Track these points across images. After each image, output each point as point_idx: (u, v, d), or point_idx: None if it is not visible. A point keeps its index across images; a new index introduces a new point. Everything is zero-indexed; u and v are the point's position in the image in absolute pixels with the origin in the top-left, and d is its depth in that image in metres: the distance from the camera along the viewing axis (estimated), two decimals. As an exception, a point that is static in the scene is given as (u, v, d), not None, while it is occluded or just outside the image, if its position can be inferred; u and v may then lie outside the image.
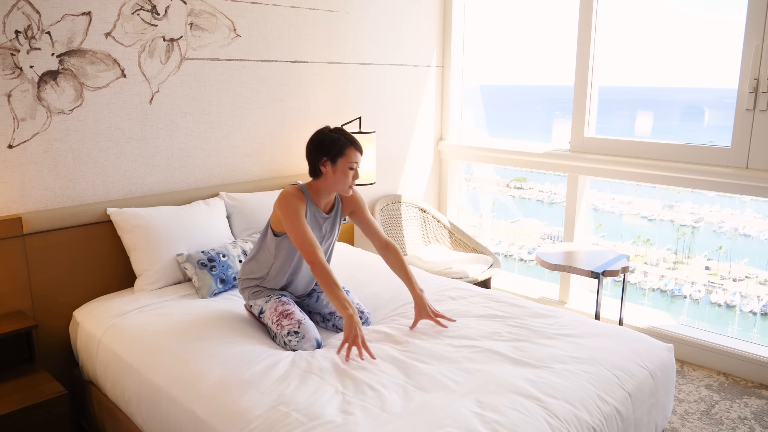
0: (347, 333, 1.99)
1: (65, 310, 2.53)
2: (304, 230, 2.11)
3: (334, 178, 2.19)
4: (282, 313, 2.19)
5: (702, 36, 3.29)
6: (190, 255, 2.60)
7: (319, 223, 2.28)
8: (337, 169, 2.18)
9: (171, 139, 2.85)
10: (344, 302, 2.04)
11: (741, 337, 3.24)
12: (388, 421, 1.65)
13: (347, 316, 2.01)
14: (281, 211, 2.14)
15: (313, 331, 2.18)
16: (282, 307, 2.22)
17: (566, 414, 1.71)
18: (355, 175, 2.21)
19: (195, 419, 1.79)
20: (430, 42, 4.07)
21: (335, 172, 2.18)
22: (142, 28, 2.66)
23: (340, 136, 2.19)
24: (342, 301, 2.04)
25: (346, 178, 2.19)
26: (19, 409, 2.05)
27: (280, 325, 2.17)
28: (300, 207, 2.14)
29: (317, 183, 2.24)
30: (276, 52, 3.20)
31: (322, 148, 2.19)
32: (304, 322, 2.17)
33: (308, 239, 2.10)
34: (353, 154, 2.18)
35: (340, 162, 2.17)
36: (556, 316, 2.36)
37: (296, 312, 2.21)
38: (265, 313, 2.26)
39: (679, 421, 2.67)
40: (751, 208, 3.55)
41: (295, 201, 2.14)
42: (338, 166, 2.18)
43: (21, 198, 2.42)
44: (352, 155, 2.18)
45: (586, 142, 3.58)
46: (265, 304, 2.27)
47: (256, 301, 2.30)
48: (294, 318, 2.17)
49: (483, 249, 3.75)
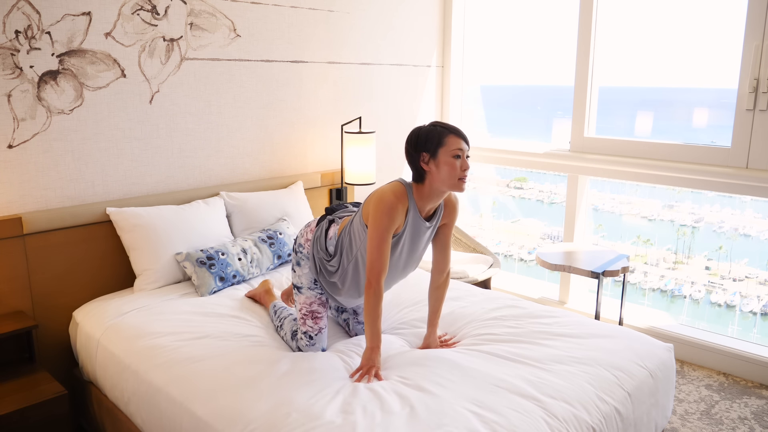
0: (365, 361, 1.91)
1: (65, 310, 2.54)
2: (384, 248, 1.90)
3: (440, 173, 1.90)
4: (313, 313, 2.16)
5: (702, 36, 3.29)
6: (189, 253, 2.60)
7: (421, 232, 2.03)
8: (440, 162, 1.89)
9: (171, 139, 2.85)
10: (377, 336, 1.93)
11: (741, 337, 3.24)
12: (387, 421, 1.65)
13: (371, 347, 1.92)
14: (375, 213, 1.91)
15: (324, 342, 2.18)
16: (317, 306, 2.18)
17: (565, 414, 1.71)
18: (463, 165, 1.91)
19: (195, 419, 1.79)
20: (430, 42, 4.07)
21: (439, 166, 1.90)
22: (142, 28, 2.66)
23: (435, 126, 1.94)
24: (375, 333, 1.93)
25: (454, 171, 1.89)
26: (19, 409, 2.05)
27: (303, 321, 2.15)
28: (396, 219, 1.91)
29: (423, 187, 1.96)
30: (276, 52, 3.20)
31: (418, 144, 1.93)
32: (323, 331, 2.17)
33: (383, 260, 1.90)
34: (455, 141, 1.90)
35: (442, 153, 1.89)
36: (556, 317, 2.36)
37: (324, 319, 2.19)
38: (300, 296, 2.17)
39: (679, 421, 2.67)
40: (751, 208, 3.55)
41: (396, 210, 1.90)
42: (440, 158, 1.89)
43: (21, 198, 2.43)
44: (454, 142, 1.90)
45: (586, 142, 3.58)
46: (308, 290, 2.17)
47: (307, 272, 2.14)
48: (318, 324, 2.16)
49: (483, 249, 3.75)
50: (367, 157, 3.34)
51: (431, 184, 1.94)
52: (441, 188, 1.93)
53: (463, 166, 1.90)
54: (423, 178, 1.94)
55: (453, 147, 1.90)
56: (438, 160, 1.90)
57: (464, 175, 1.91)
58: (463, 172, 1.91)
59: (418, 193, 1.97)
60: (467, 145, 1.94)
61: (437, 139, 1.90)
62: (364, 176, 3.36)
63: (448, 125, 1.95)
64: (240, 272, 2.69)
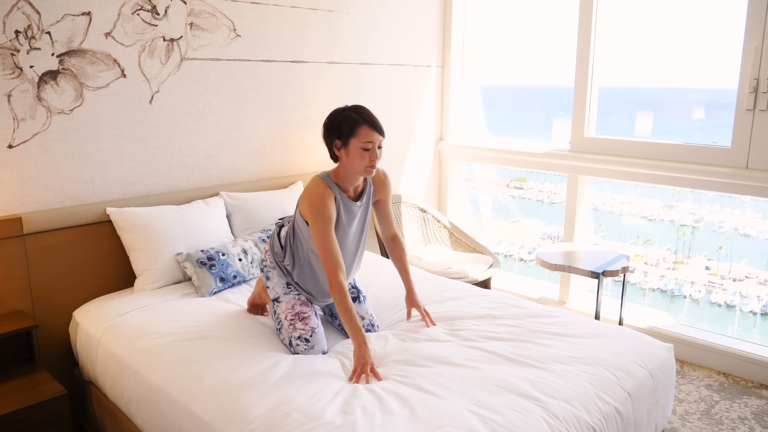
0: (357, 362, 1.91)
1: (65, 310, 2.54)
2: (330, 245, 1.96)
3: (349, 161, 1.99)
4: (299, 315, 2.14)
5: (702, 36, 3.29)
6: (189, 254, 2.60)
7: (354, 212, 2.11)
8: (350, 151, 1.97)
9: (171, 139, 2.85)
10: (357, 330, 1.94)
11: (741, 337, 3.24)
12: (387, 421, 1.65)
13: (358, 344, 1.93)
14: (311, 217, 1.99)
15: (323, 342, 2.14)
16: (300, 308, 2.16)
17: (566, 414, 1.71)
18: (372, 156, 1.99)
19: (195, 419, 1.79)
20: (430, 42, 4.07)
21: (349, 155, 1.98)
22: (142, 28, 2.66)
23: (352, 113, 1.98)
24: (355, 328, 1.94)
25: (362, 161, 1.98)
26: (19, 409, 2.05)
27: (293, 326, 2.12)
28: (331, 212, 1.97)
29: (339, 169, 2.06)
30: (276, 52, 3.20)
31: (333, 129, 2.00)
32: (317, 330, 2.13)
33: (332, 256, 1.95)
34: (366, 134, 1.96)
35: (353, 143, 1.97)
36: (556, 316, 2.36)
37: (312, 318, 2.15)
38: (279, 305, 2.18)
39: (679, 421, 2.67)
40: (751, 208, 3.55)
41: (326, 206, 1.96)
42: (351, 147, 1.97)
43: (21, 198, 2.43)
44: (365, 134, 1.96)
45: (586, 142, 3.58)
46: (284, 295, 2.18)
47: (277, 283, 2.19)
48: (309, 324, 2.12)
49: (483, 249, 3.75)
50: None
51: (344, 167, 2.04)
52: (352, 173, 2.04)
53: (371, 158, 1.99)
54: (337, 160, 2.06)
55: (364, 139, 1.97)
56: (349, 149, 1.98)
57: (372, 164, 2.00)
58: (372, 162, 2.00)
59: (337, 176, 2.07)
60: (381, 135, 2.01)
61: (350, 128, 1.97)
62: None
63: (364, 113, 2.00)
64: (240, 273, 2.69)
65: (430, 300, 2.53)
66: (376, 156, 2.00)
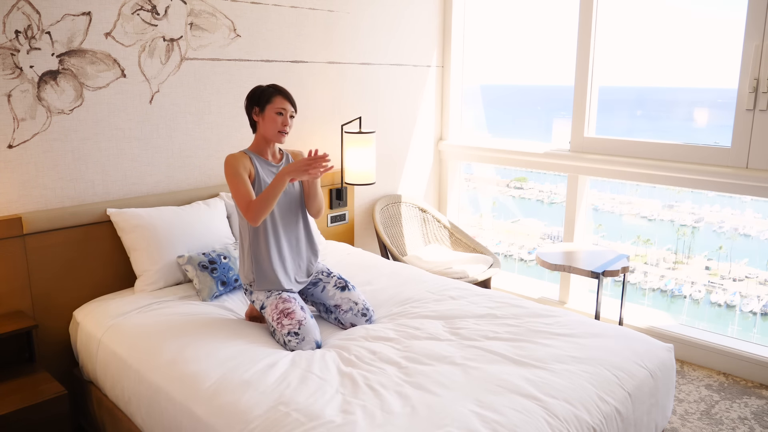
0: (296, 165, 2.17)
1: (65, 310, 2.53)
2: (241, 183, 2.21)
3: (265, 125, 2.32)
4: (283, 312, 2.19)
5: (702, 36, 3.29)
6: (191, 257, 2.59)
7: (273, 171, 2.38)
8: (266, 116, 2.31)
9: (171, 139, 2.85)
10: (275, 176, 2.20)
11: (741, 337, 3.24)
12: (387, 421, 1.65)
13: (281, 174, 2.17)
14: (227, 178, 2.24)
15: (314, 333, 2.17)
16: (283, 305, 2.21)
17: (566, 414, 1.71)
18: (284, 122, 2.32)
19: (195, 419, 1.79)
20: (430, 42, 4.07)
21: (265, 119, 2.31)
22: (142, 28, 2.66)
23: (268, 87, 2.34)
24: (273, 179, 2.19)
25: (275, 124, 2.31)
26: (19, 409, 2.06)
27: (280, 324, 2.17)
28: (240, 165, 2.24)
29: (257, 137, 2.38)
30: (276, 52, 3.20)
31: (253, 99, 2.34)
32: (304, 322, 2.16)
33: (243, 189, 2.20)
34: (280, 101, 2.31)
35: (268, 109, 2.30)
36: (556, 316, 2.36)
37: (297, 311, 2.19)
38: (266, 309, 2.26)
39: (679, 421, 2.67)
40: (751, 208, 3.55)
41: (235, 161, 2.25)
42: (266, 113, 2.31)
43: (21, 198, 2.42)
44: (279, 102, 2.31)
45: (586, 142, 3.58)
46: (266, 300, 2.27)
47: (258, 295, 2.31)
48: (295, 318, 2.16)
49: (483, 249, 3.75)
50: (367, 157, 3.34)
51: (260, 132, 2.36)
52: (267, 137, 2.35)
53: (283, 122, 2.32)
54: (255, 129, 2.38)
55: (277, 105, 2.31)
56: (265, 114, 2.32)
57: (284, 129, 2.33)
58: (283, 127, 2.33)
59: (256, 144, 2.39)
60: (293, 108, 2.35)
61: (267, 97, 2.32)
62: (364, 176, 3.36)
63: (280, 88, 2.35)
64: (240, 272, 2.69)
65: (431, 299, 2.53)
66: (287, 122, 2.33)
